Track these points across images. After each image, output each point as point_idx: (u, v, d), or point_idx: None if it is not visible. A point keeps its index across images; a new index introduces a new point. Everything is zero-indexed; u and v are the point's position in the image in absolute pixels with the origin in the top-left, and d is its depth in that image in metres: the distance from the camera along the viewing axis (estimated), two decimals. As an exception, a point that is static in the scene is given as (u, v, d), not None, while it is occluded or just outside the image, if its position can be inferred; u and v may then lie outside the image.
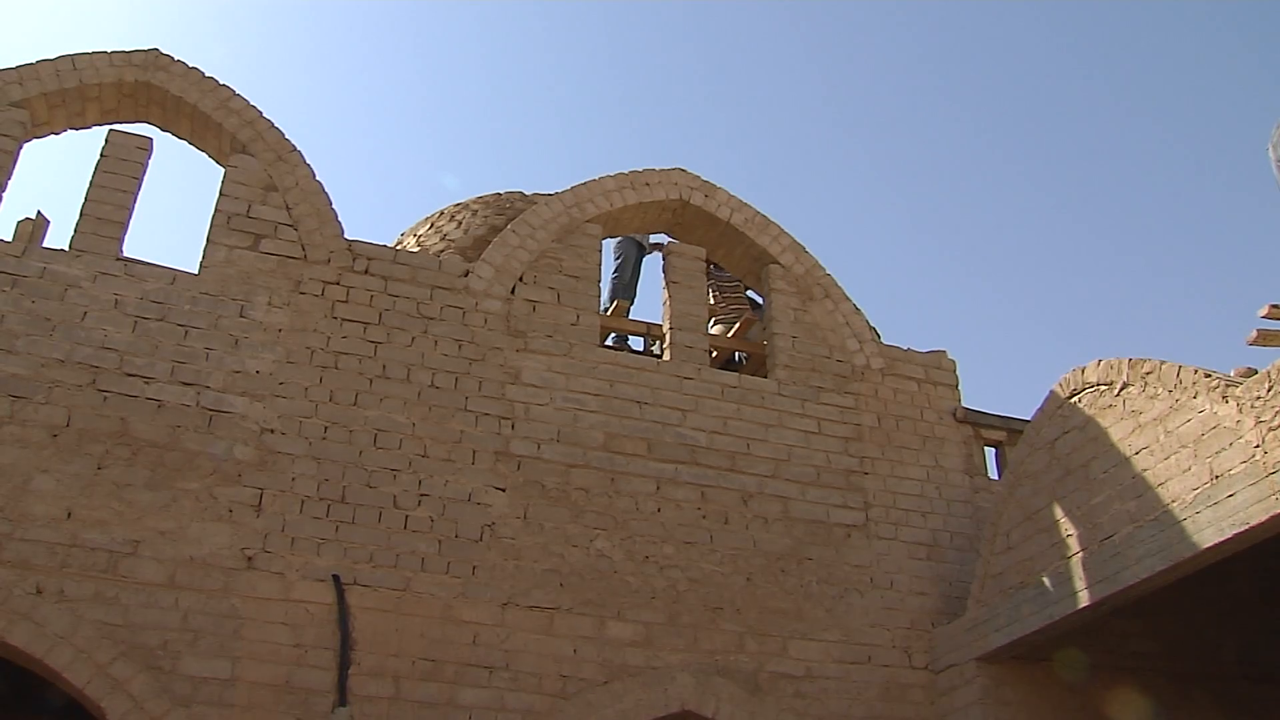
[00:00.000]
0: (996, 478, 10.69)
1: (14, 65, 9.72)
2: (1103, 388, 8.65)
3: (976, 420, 10.81)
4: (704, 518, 9.46)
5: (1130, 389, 8.36)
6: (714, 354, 11.33)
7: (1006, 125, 34.53)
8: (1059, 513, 8.71)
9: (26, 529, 7.93)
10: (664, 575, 9.13)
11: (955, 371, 11.06)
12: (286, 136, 9.98)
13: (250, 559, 8.25)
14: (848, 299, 10.97)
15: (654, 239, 13.00)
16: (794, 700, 9.00)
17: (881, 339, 11.02)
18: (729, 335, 11.78)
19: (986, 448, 10.91)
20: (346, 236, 9.70)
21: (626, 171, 10.82)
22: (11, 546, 7.85)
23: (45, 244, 9.36)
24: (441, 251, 10.67)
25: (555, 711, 8.39)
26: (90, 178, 9.45)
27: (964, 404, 10.91)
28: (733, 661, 9.01)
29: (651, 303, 20.36)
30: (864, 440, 10.30)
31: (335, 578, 8.33)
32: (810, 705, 9.02)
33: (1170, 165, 33.44)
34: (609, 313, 11.58)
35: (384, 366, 9.19)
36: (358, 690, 8.05)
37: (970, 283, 34.17)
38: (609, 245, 12.47)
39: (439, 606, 8.48)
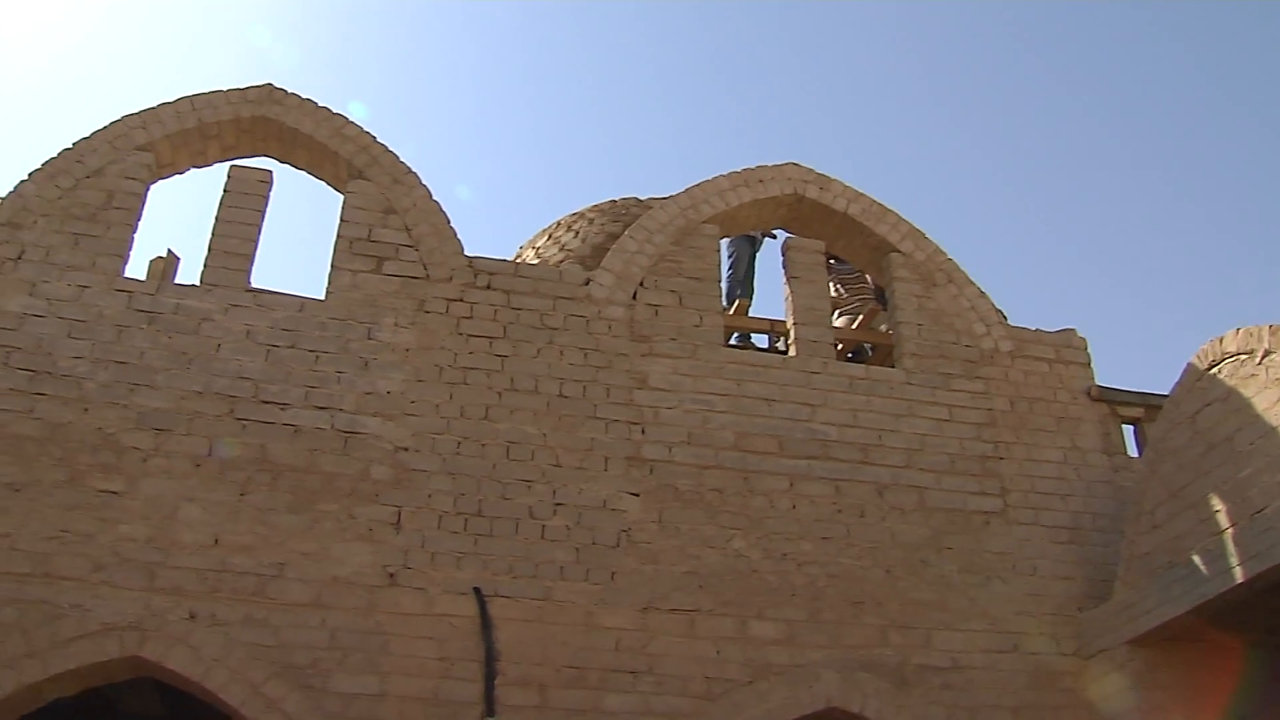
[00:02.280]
0: (1137, 456, 10.41)
1: (137, 110, 10.01)
2: (1243, 357, 8.40)
3: (1112, 398, 10.55)
4: (839, 512, 9.37)
5: (1273, 356, 8.10)
6: (840, 347, 11.24)
7: (1121, 91, 33.83)
8: (1205, 488, 8.46)
9: (177, 557, 8.19)
10: (803, 572, 9.06)
11: (1086, 349, 10.81)
12: (401, 159, 10.12)
13: (392, 576, 8.38)
14: (972, 283, 10.80)
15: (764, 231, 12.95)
16: (941, 692, 8.86)
17: (1008, 321, 10.81)
18: (854, 327, 11.67)
19: (1124, 425, 10.64)
20: (467, 254, 9.80)
21: (739, 170, 10.78)
22: (164, 574, 8.12)
23: (177, 280, 9.61)
24: (561, 262, 10.75)
25: (701, 714, 8.37)
26: (215, 213, 9.70)
27: (1098, 382, 10.65)
28: (877, 656, 8.90)
29: (769, 299, 20.26)
30: (997, 425, 10.12)
31: (477, 590, 8.41)
32: (959, 696, 8.88)
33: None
34: (730, 312, 11.53)
35: (512, 379, 9.28)
36: (504, 700, 8.12)
37: (1095, 258, 33.54)
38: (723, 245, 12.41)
39: (580, 614, 8.52)
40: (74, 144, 9.79)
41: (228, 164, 10.14)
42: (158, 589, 8.08)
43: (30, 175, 9.61)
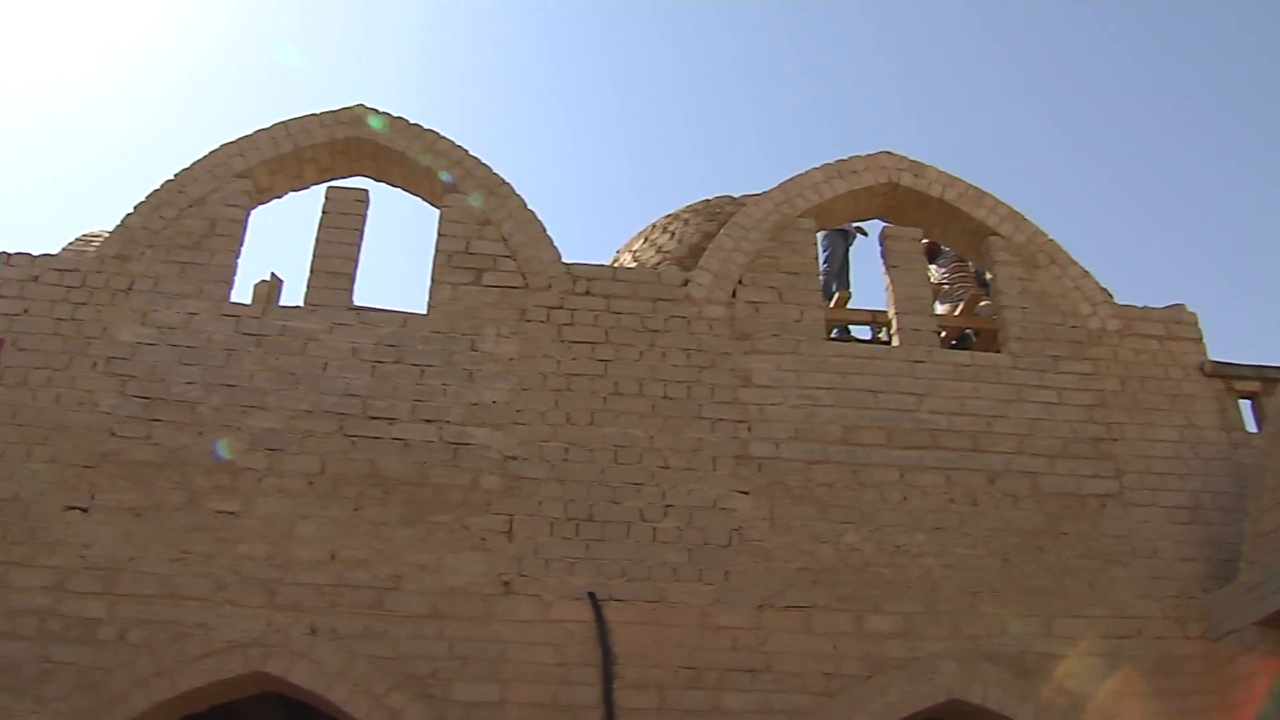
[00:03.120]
0: (1255, 431, 10.15)
1: (234, 139, 10.20)
2: (1363, 322, 8.15)
3: (1227, 373, 10.29)
4: (951, 501, 9.26)
5: (1394, 320, 7.86)
6: (944, 334, 11.11)
7: (1216, 54, 33.11)
8: (1330, 460, 8.23)
9: (296, 573, 8.36)
10: (917, 564, 8.97)
11: (1197, 324, 10.55)
12: (494, 171, 10.19)
13: (507, 584, 8.45)
14: (1075, 262, 10.60)
15: (855, 224, 12.85)
16: (1065, 680, 8.71)
17: (1114, 300, 10.60)
18: (956, 314, 11.53)
19: (1240, 400, 10.37)
20: (564, 261, 9.85)
21: (832, 161, 10.69)
22: (284, 591, 8.28)
23: (282, 303, 9.78)
24: (658, 264, 10.76)
25: (821, 710, 8.31)
26: (315, 234, 9.84)
27: (1211, 357, 10.41)
28: (997, 645, 8.77)
29: (865, 291, 20.11)
30: (1109, 406, 9.93)
31: (591, 595, 8.44)
32: (1083, 684, 8.72)
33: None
34: (830, 305, 11.45)
35: (616, 383, 9.30)
36: (623, 703, 8.14)
37: (1201, 231, 32.85)
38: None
39: (695, 615, 8.51)
40: (175, 175, 10.01)
41: (324, 186, 10.28)
42: (278, 605, 8.26)
43: (135, 208, 9.84)
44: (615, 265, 10.49)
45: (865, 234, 12.92)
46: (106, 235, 9.94)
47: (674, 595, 8.54)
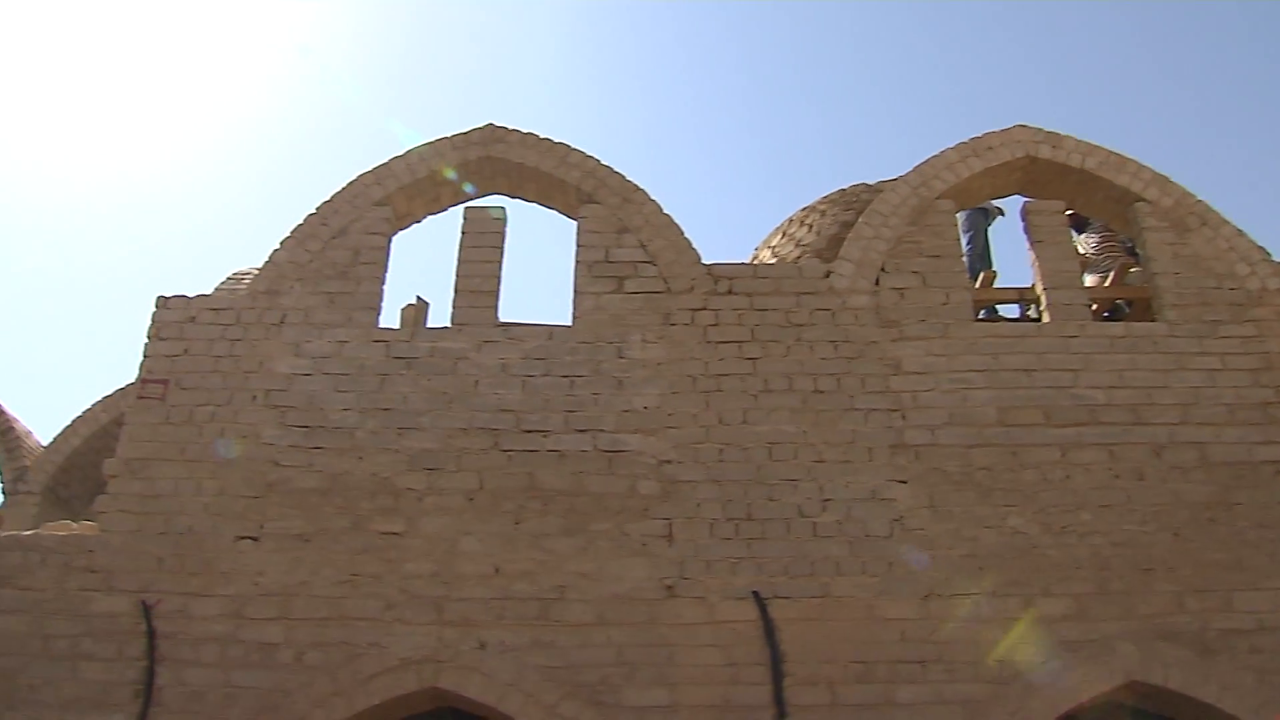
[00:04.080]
0: None
1: (371, 168, 10.40)
2: None
3: (1399, 325, 9.85)
4: (1116, 477, 9.01)
5: None
6: (1095, 307, 10.83)
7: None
8: None
9: (462, 588, 8.50)
10: (1085, 543, 8.74)
11: (1365, 276, 10.13)
12: (628, 179, 10.22)
13: (670, 588, 8.46)
14: (1227, 222, 10.23)
15: (993, 203, 12.60)
16: (1250, 656, 8.40)
17: (1273, 258, 10.21)
18: (1106, 285, 11.24)
19: None
20: (704, 262, 9.83)
21: (967, 140, 10.50)
22: (452, 607, 8.42)
23: (429, 324, 9.92)
24: (798, 258, 10.68)
25: (996, 698, 8.15)
26: (457, 255, 9.97)
27: (1380, 309, 9.95)
28: (1174, 624, 8.50)
29: (1008, 269, 19.70)
30: (1275, 368, 9.56)
31: (755, 594, 8.41)
32: (1269, 660, 8.38)
33: None
34: (976, 286, 11.25)
35: (765, 381, 9.25)
36: (794, 701, 8.09)
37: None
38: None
39: (861, 608, 8.43)
40: (317, 208, 10.23)
41: (462, 207, 10.42)
42: (447, 621, 8.40)
43: (282, 243, 10.09)
44: (755, 263, 10.42)
45: (1003, 213, 12.69)
46: (255, 272, 10.22)
47: (838, 589, 8.47)
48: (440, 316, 10.08)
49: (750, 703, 8.09)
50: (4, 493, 14.27)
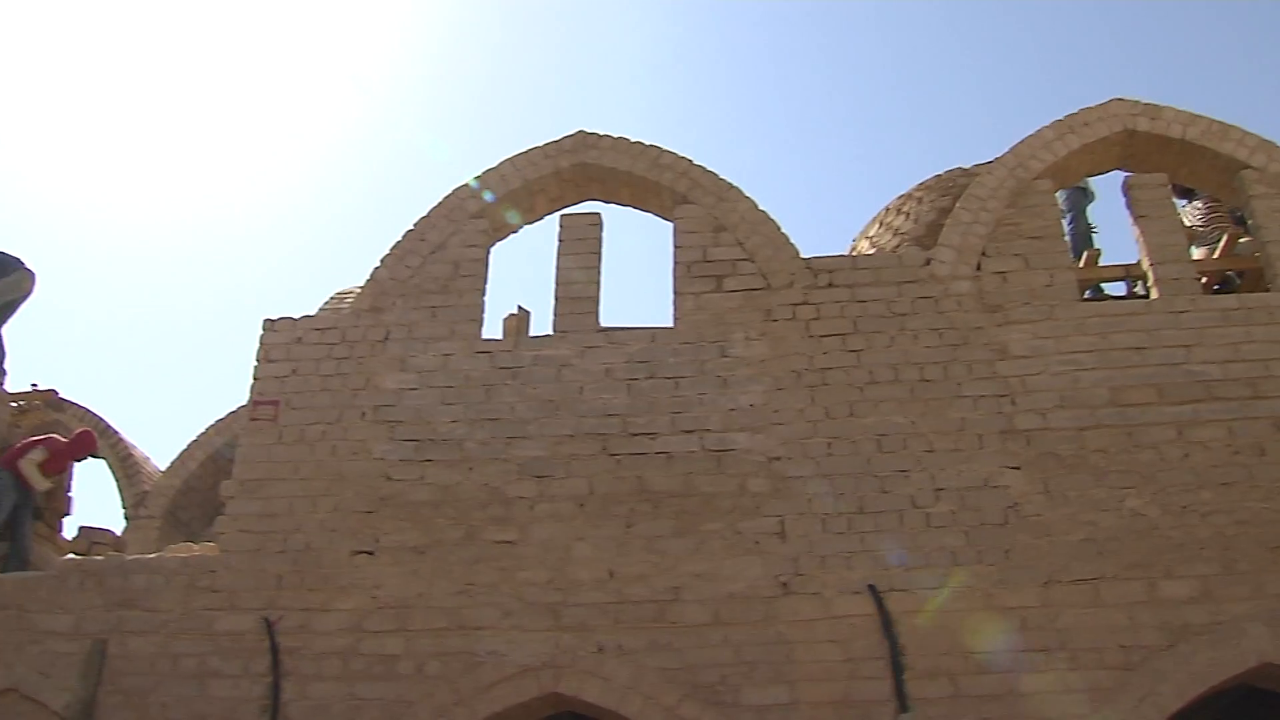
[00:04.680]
0: None
1: (465, 182, 10.49)
2: None
3: None
4: (1236, 454, 8.77)
5: None
6: (1204, 279, 10.57)
7: None
8: None
9: (577, 594, 8.55)
10: (1208, 523, 8.52)
11: None
12: (722, 177, 10.19)
13: (785, 585, 8.42)
14: (1343, 184, 9.93)
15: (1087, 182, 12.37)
16: (1389, 634, 8.14)
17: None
18: (1214, 256, 10.98)
19: None
20: (803, 256, 9.77)
21: (1062, 118, 10.30)
22: (568, 612, 8.47)
23: (532, 333, 9.99)
24: (897, 247, 10.58)
25: (1123, 685, 7.97)
26: (555, 262, 10.02)
27: None
28: (1306, 603, 8.26)
29: (1114, 245, 19.29)
30: (1397, 333, 9.26)
31: (871, 588, 8.33)
32: None
33: None
34: (1080, 265, 11.03)
35: (870, 372, 9.16)
36: (916, 694, 8.00)
37: None
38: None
39: (979, 597, 8.29)
40: (415, 224, 10.36)
41: (557, 215, 10.47)
42: (564, 627, 8.45)
43: (382, 261, 10.24)
44: (854, 254, 10.33)
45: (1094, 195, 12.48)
46: (358, 291, 10.36)
47: (955, 579, 8.35)
48: (542, 325, 10.15)
49: (870, 697, 8.01)
50: (125, 518, 14.61)
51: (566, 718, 8.78)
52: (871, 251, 10.91)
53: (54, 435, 11.39)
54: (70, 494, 12.76)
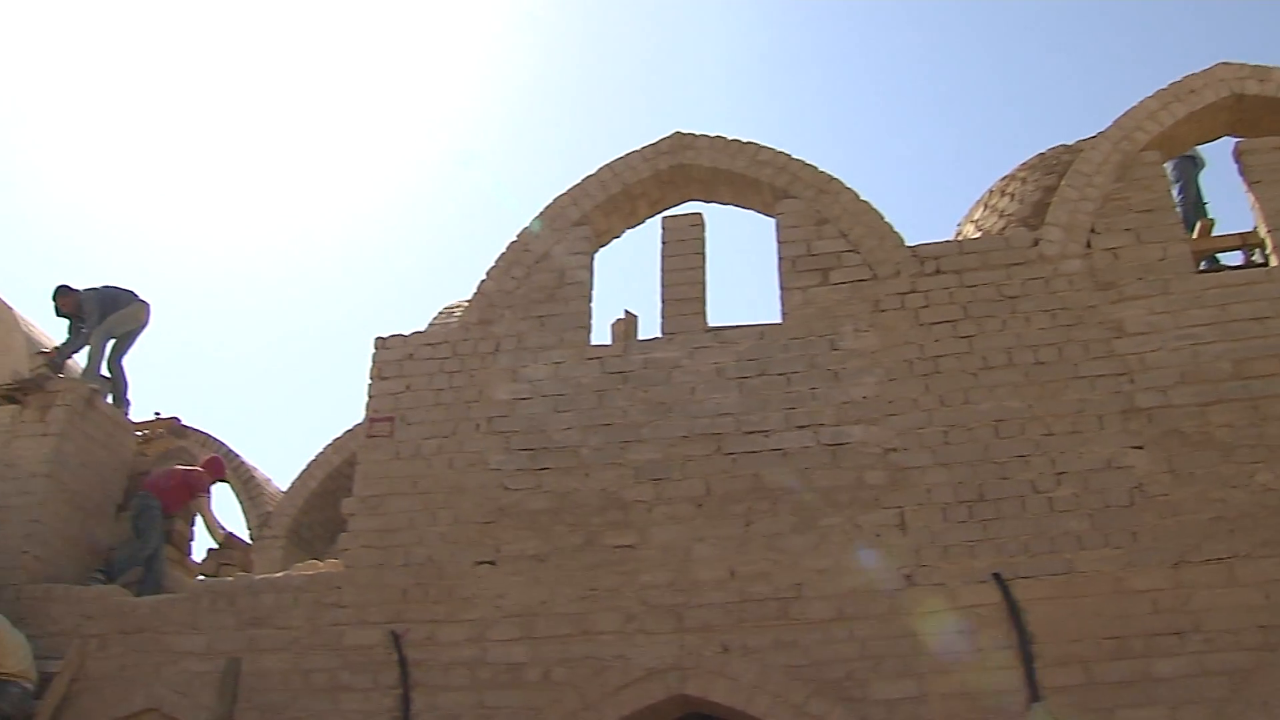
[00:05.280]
0: None
1: (566, 190, 10.55)
2: None
3: None
4: (1368, 421, 8.51)
5: None
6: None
7: None
8: None
9: (700, 594, 8.57)
10: (1345, 494, 8.28)
11: None
12: (821, 170, 10.12)
13: (908, 577, 8.34)
14: None
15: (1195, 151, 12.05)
16: None
17: None
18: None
19: None
20: (908, 244, 9.67)
21: (1166, 86, 10.07)
22: (691, 614, 8.49)
23: (640, 337, 10.01)
24: (1003, 229, 10.42)
25: (1263, 666, 7.74)
26: (660, 265, 10.04)
27: None
28: None
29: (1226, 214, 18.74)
30: None
31: (996, 576, 8.21)
32: None
33: None
34: (1194, 237, 10.77)
35: (983, 358, 9.02)
36: (1048, 682, 7.86)
37: None
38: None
39: (1108, 582, 8.13)
40: (518, 235, 10.42)
41: (659, 217, 10.49)
42: (688, 628, 8.47)
43: (488, 274, 10.34)
44: (960, 239, 10.18)
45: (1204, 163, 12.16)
46: (466, 304, 10.47)
47: (1082, 564, 8.20)
48: (650, 328, 10.17)
49: (1001, 687, 7.90)
50: (250, 538, 14.89)
51: (694, 719, 8.79)
52: (978, 235, 10.76)
53: (193, 468, 11.65)
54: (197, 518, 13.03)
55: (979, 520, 8.44)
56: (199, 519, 11.72)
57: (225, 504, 17.39)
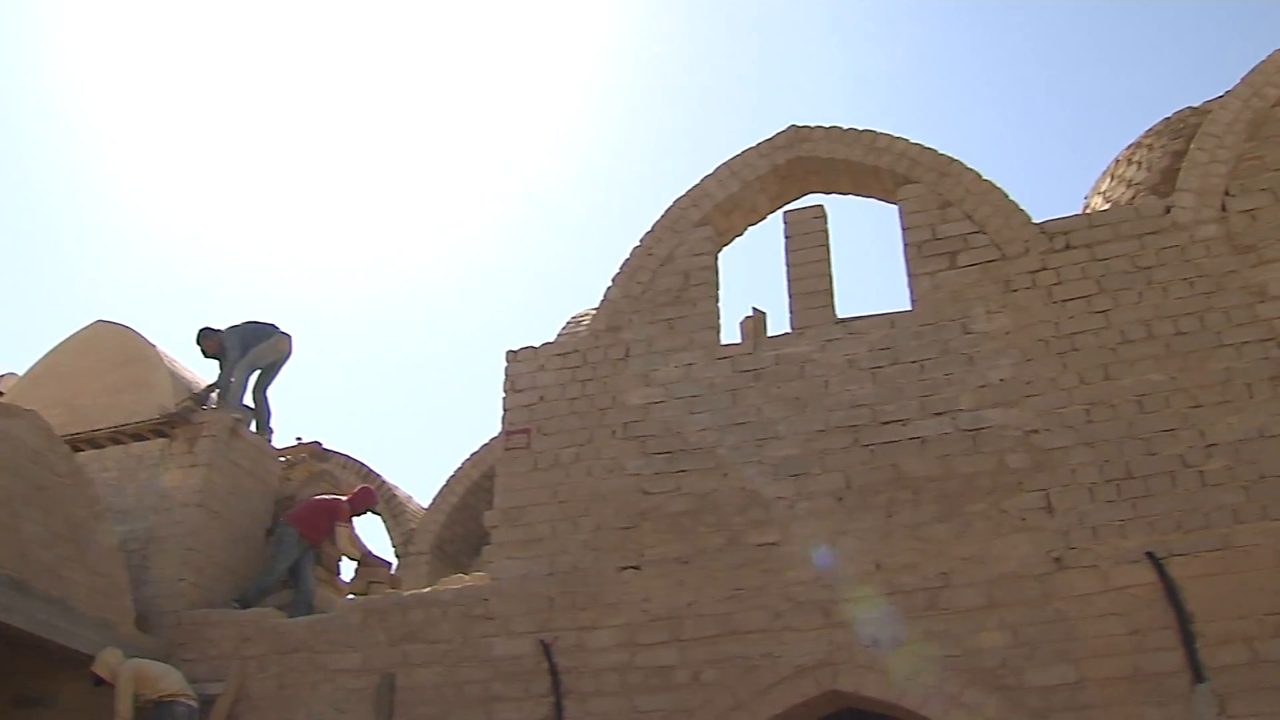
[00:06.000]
0: None
1: (685, 191, 10.57)
2: None
3: None
4: None
5: None
6: None
7: None
8: None
9: (845, 589, 8.47)
10: None
11: None
12: (941, 152, 9.99)
13: (1058, 560, 8.18)
14: None
15: None
16: None
17: None
18: None
19: None
20: (1035, 221, 9.48)
21: (1294, 40, 9.77)
22: (838, 608, 8.42)
23: (770, 333, 9.98)
24: (1133, 199, 10.17)
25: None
26: (784, 260, 10.01)
27: None
28: None
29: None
30: None
31: (1150, 555, 8.01)
32: None
33: None
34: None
35: (1121, 332, 8.81)
36: (1210, 662, 7.65)
37: None
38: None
39: (1269, 555, 7.87)
40: (640, 240, 10.47)
41: (780, 212, 10.45)
42: (835, 623, 8.42)
43: (613, 280, 10.41)
44: (1089, 212, 9.95)
45: None
46: (593, 312, 10.54)
47: (1240, 539, 7.95)
48: (779, 323, 10.13)
49: (1162, 669, 7.71)
50: (395, 556, 15.15)
51: (847, 715, 8.73)
52: (1106, 207, 10.51)
53: (334, 496, 11.89)
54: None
55: (1128, 499, 8.24)
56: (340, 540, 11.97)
57: (369, 524, 17.73)
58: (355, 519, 11.76)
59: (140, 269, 33.99)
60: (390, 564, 12.65)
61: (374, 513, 15.45)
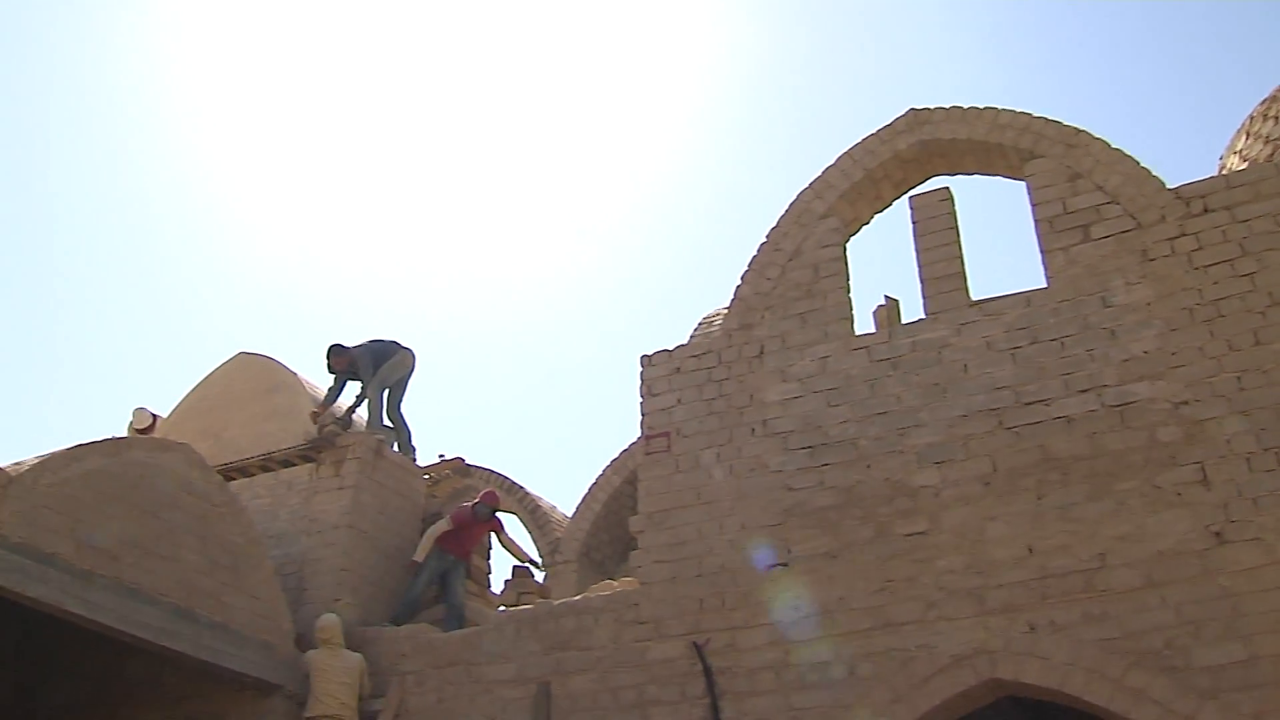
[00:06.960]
0: None
1: (809, 184, 10.52)
2: None
3: None
4: None
5: None
6: None
7: None
8: None
9: (999, 575, 8.36)
10: None
11: None
12: (1066, 124, 9.76)
13: (1219, 535, 7.92)
14: None
15: None
16: None
17: None
18: None
19: None
20: (1170, 187, 9.20)
21: None
22: (991, 595, 8.31)
23: (904, 320, 9.87)
24: (1271, 155, 9.84)
25: None
26: (914, 245, 9.89)
27: None
28: None
29: None
30: None
31: (1316, 522, 7.72)
32: None
33: None
34: None
35: (1269, 294, 8.47)
36: None
37: None
38: None
39: None
40: (767, 235, 10.44)
41: (906, 198, 10.33)
42: (990, 611, 8.27)
43: (742, 278, 10.39)
44: (1225, 173, 9.64)
45: None
46: (725, 311, 10.52)
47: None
48: (913, 309, 10.02)
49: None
50: (543, 565, 15.28)
51: (1007, 703, 8.59)
52: (1244, 166, 10.18)
53: (459, 505, 12.01)
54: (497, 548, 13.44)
55: (1294, 464, 7.93)
56: (494, 546, 12.17)
57: (515, 534, 17.93)
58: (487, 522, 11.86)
59: (269, 296, 34.86)
60: (541, 564, 12.80)
61: (507, 511, 15.64)
